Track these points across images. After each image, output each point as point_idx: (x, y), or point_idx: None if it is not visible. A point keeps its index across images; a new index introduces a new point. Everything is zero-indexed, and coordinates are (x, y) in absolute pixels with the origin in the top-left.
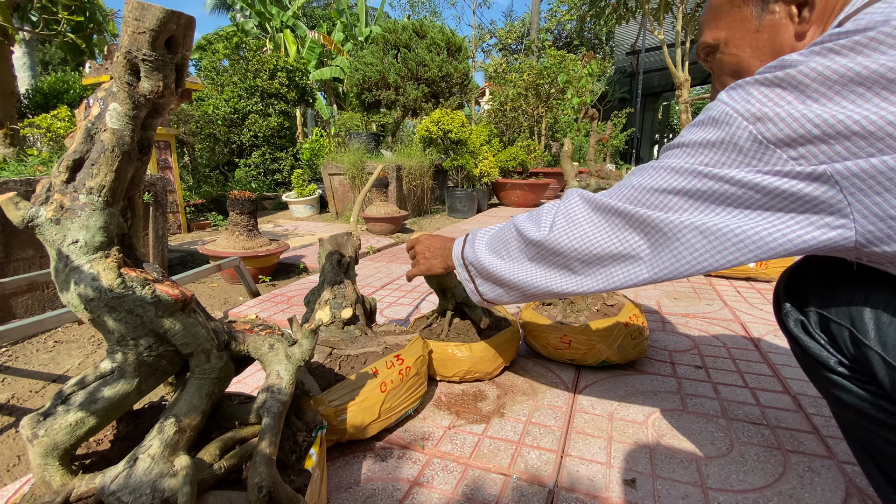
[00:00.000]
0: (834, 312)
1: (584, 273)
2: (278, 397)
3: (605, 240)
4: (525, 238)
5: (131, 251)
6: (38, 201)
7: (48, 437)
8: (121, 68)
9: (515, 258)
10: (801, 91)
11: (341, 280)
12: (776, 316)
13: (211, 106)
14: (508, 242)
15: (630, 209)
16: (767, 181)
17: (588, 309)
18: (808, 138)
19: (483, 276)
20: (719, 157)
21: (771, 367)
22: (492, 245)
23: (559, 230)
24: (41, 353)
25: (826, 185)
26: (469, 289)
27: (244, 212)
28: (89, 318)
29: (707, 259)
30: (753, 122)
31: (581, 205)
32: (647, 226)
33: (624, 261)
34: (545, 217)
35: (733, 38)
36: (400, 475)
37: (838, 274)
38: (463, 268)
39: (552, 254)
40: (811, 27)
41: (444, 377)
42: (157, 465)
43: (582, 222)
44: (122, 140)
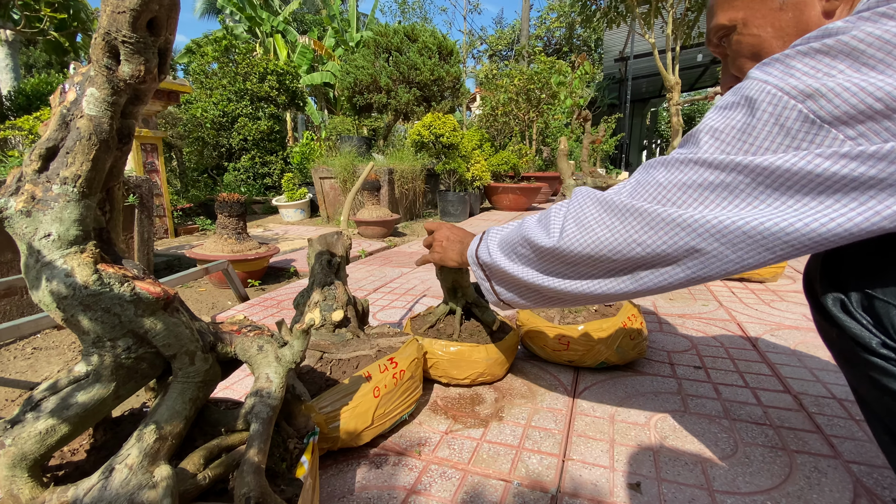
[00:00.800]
0: (881, 291)
1: (606, 277)
2: (268, 402)
3: (623, 242)
4: (534, 245)
5: (109, 246)
6: (8, 192)
7: (16, 446)
8: (99, 50)
9: (527, 263)
10: (855, 58)
11: (331, 281)
12: (807, 296)
13: (199, 109)
14: (517, 247)
15: (656, 209)
16: (824, 167)
17: (586, 309)
18: (870, 114)
19: (497, 278)
20: (761, 142)
21: (770, 367)
22: (503, 248)
23: (569, 236)
24: (19, 359)
25: (893, 164)
26: (485, 288)
27: (233, 214)
28: (62, 318)
29: (753, 256)
30: (802, 100)
31: (591, 206)
32: (679, 226)
33: (651, 265)
34: (554, 221)
35: (752, 17)
36: (396, 483)
37: (886, 252)
38: (478, 267)
39: (564, 262)
40: (841, 4)
41: (454, 379)
42: (135, 476)
43: (593, 225)
44: (99, 127)
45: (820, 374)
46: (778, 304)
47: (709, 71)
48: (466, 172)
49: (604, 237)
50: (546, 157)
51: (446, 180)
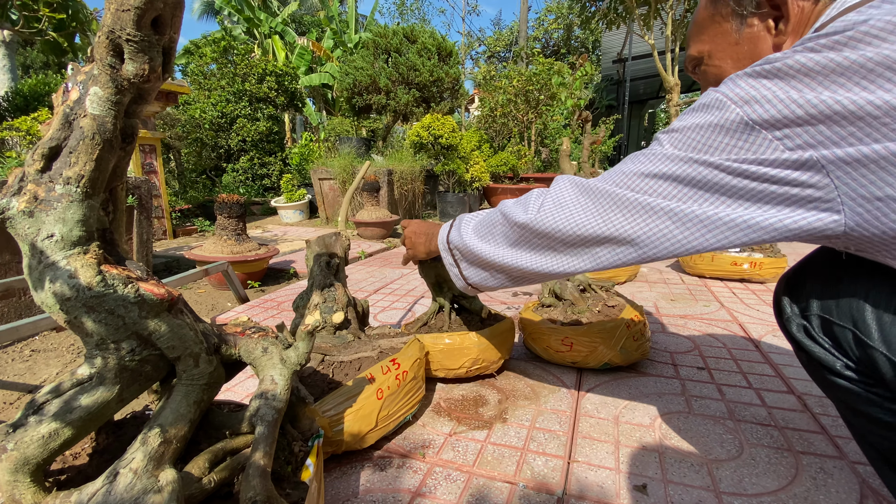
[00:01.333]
0: (836, 314)
1: (569, 253)
2: (273, 404)
3: (592, 221)
4: (511, 220)
5: (113, 247)
6: (10, 192)
7: (18, 450)
8: (103, 49)
9: (501, 241)
10: (785, 80)
11: (331, 283)
12: (778, 321)
13: (198, 110)
14: (494, 226)
15: (620, 192)
16: (755, 168)
17: (589, 310)
18: (793, 119)
19: (468, 260)
20: (709, 141)
21: (773, 368)
22: (478, 229)
23: (546, 212)
24: (17, 362)
25: (812, 170)
26: (454, 273)
27: (232, 215)
28: (65, 320)
29: (693, 242)
30: (741, 105)
31: (570, 188)
32: (635, 208)
33: (610, 242)
34: (533, 201)
35: (716, 50)
36: (401, 486)
37: (837, 275)
38: (448, 252)
39: (538, 235)
40: (788, 38)
41: (451, 370)
42: (139, 481)
43: (569, 204)
44: (103, 127)
45: None
46: None
47: None
48: (465, 173)
49: (575, 213)
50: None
51: (445, 181)
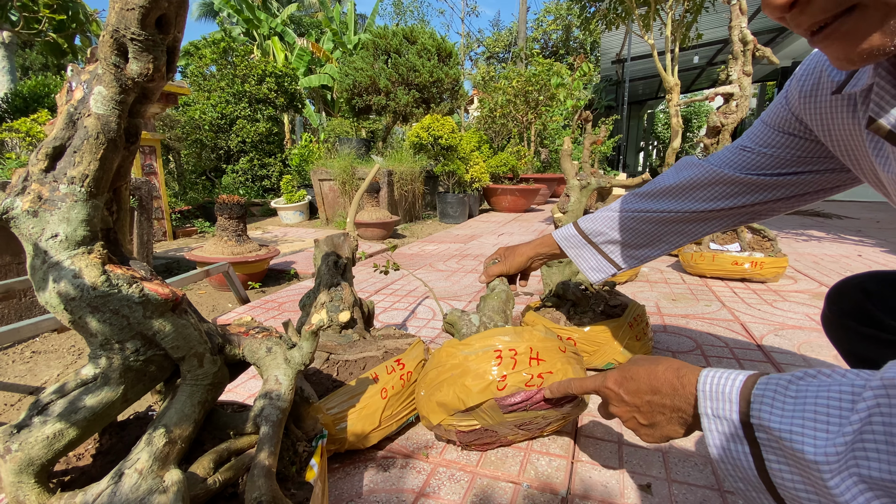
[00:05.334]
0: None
1: None
2: (277, 404)
3: None
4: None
5: (117, 247)
6: (14, 192)
7: (22, 451)
8: (107, 48)
9: None
10: None
11: (338, 282)
12: None
13: (197, 111)
14: None
15: None
16: None
17: (592, 310)
18: None
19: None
20: None
21: (776, 367)
22: None
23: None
24: (17, 363)
25: None
26: (591, 263)
27: (233, 216)
28: (70, 320)
29: None
30: None
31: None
32: None
33: None
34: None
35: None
36: (404, 486)
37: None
38: (743, 436)
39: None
40: None
41: None
42: (145, 481)
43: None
44: (107, 126)
45: None
46: (781, 304)
47: (705, 73)
48: (465, 174)
49: None
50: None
51: (445, 182)
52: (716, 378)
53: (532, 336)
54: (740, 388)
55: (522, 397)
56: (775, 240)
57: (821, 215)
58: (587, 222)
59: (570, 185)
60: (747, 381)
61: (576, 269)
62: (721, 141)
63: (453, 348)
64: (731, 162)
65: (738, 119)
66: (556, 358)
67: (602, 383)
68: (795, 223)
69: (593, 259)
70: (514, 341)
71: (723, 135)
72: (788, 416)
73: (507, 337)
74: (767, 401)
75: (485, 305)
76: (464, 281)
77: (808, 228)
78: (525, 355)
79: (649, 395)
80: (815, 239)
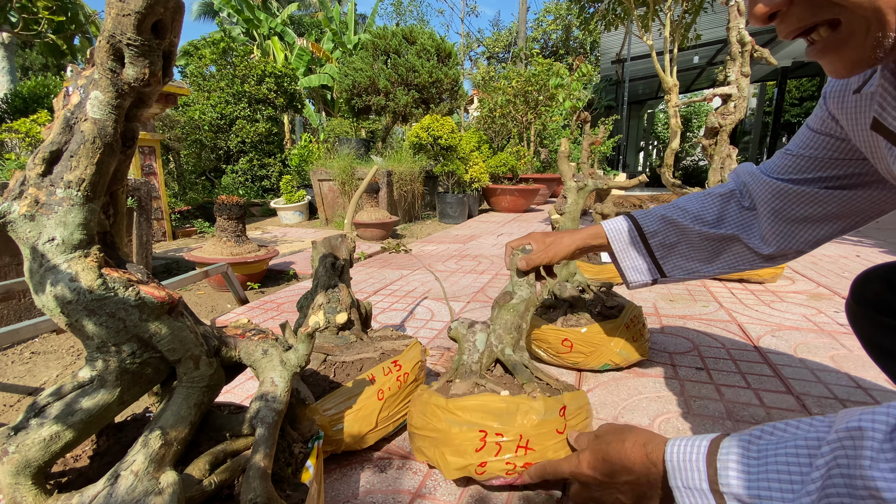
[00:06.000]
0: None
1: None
2: (273, 406)
3: None
4: None
5: (113, 251)
6: (11, 196)
7: (19, 453)
8: (103, 53)
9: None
10: None
11: (335, 284)
12: None
13: (197, 111)
14: None
15: None
16: None
17: (589, 311)
18: None
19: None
20: None
21: (772, 368)
22: None
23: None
24: (17, 364)
25: None
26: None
27: (232, 217)
28: (66, 323)
29: None
30: None
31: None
32: None
33: None
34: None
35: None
36: (401, 487)
37: None
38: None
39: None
40: None
41: None
42: (141, 483)
43: None
44: (104, 131)
45: (821, 375)
46: (778, 304)
47: (705, 73)
48: (465, 174)
49: None
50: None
51: (444, 182)
52: (681, 448)
53: (526, 420)
54: (705, 454)
55: (501, 482)
56: None
57: None
58: (648, 220)
59: (567, 186)
60: (711, 445)
61: (573, 270)
62: (719, 142)
63: (440, 409)
64: (776, 168)
65: (737, 120)
66: (549, 445)
67: (576, 467)
68: None
69: (640, 260)
70: (504, 426)
71: (721, 135)
72: (754, 479)
73: (496, 423)
74: (732, 465)
75: (498, 318)
76: (463, 281)
77: None
78: (513, 443)
79: (625, 476)
80: None
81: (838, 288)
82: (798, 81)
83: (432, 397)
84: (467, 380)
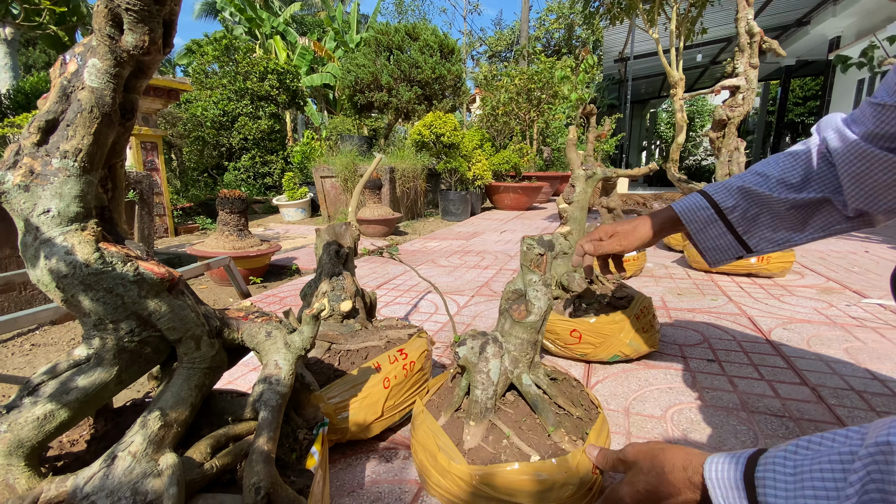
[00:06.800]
0: None
1: None
2: (277, 389)
3: None
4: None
5: (112, 226)
6: (6, 166)
7: (11, 432)
8: (101, 18)
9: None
10: None
11: (340, 272)
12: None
13: (199, 108)
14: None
15: None
16: None
17: (598, 302)
18: None
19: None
20: None
21: (785, 360)
22: None
23: None
24: (17, 356)
25: None
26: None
27: (234, 211)
28: (62, 299)
29: None
30: None
31: None
32: None
33: None
34: None
35: None
36: (407, 477)
37: None
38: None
39: None
40: None
41: None
42: (139, 464)
43: None
44: (101, 100)
45: (836, 367)
46: (788, 298)
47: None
48: (468, 172)
49: None
50: (546, 158)
51: (447, 179)
52: (720, 468)
53: (563, 492)
54: (743, 472)
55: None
56: None
57: None
58: (724, 194)
59: (575, 175)
60: (748, 463)
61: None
62: (727, 134)
63: (463, 481)
64: (863, 118)
65: (745, 112)
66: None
67: None
68: None
69: (722, 238)
70: (538, 502)
71: (729, 128)
72: (792, 496)
73: (529, 501)
74: (770, 483)
75: (511, 334)
76: (466, 276)
77: None
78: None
79: (671, 501)
80: None
81: (848, 282)
82: (801, 80)
83: (451, 465)
84: (482, 421)
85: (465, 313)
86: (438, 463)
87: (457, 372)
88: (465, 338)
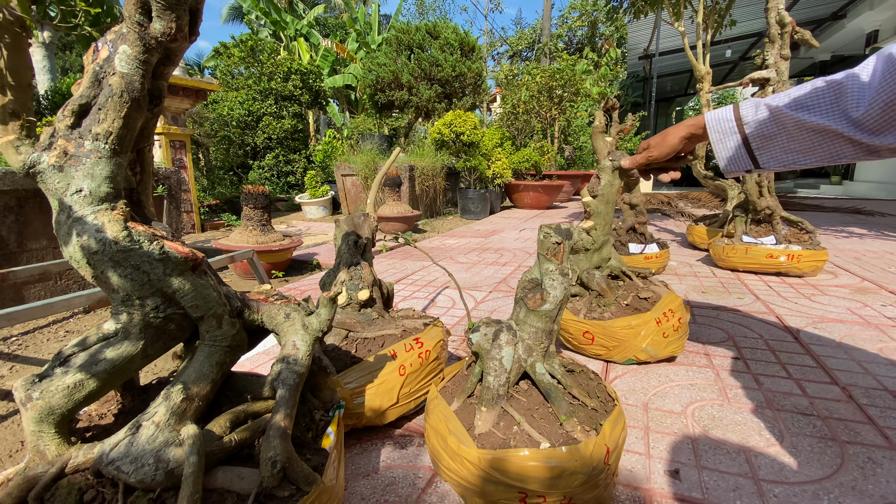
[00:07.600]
0: None
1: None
2: (294, 368)
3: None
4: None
5: (139, 207)
6: (41, 147)
7: (43, 399)
8: (131, 6)
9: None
10: None
11: (358, 261)
12: None
13: (226, 108)
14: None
15: None
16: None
17: (617, 303)
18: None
19: (766, 137)
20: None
21: (815, 359)
22: (793, 104)
23: None
24: (52, 342)
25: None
26: (735, 153)
27: (258, 206)
28: (92, 275)
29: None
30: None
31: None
32: None
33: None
34: None
35: None
36: (421, 463)
37: None
38: (734, 129)
39: None
40: None
41: None
42: (161, 434)
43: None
44: (131, 85)
45: (869, 367)
46: (819, 297)
47: (737, 68)
48: (487, 170)
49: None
50: (568, 156)
51: (467, 178)
52: (714, 112)
53: (572, 480)
54: (732, 107)
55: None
56: (814, 233)
57: (862, 213)
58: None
59: (601, 165)
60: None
61: (606, 256)
62: None
63: (473, 465)
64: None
65: None
66: (594, 494)
67: None
68: (835, 220)
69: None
70: (548, 490)
71: None
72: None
73: (539, 487)
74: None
75: (525, 323)
76: (485, 272)
77: (849, 225)
78: (556, 501)
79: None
80: (857, 235)
81: (885, 282)
82: None
83: (461, 449)
84: (493, 407)
85: (482, 308)
86: (449, 446)
87: (472, 360)
88: (479, 325)
